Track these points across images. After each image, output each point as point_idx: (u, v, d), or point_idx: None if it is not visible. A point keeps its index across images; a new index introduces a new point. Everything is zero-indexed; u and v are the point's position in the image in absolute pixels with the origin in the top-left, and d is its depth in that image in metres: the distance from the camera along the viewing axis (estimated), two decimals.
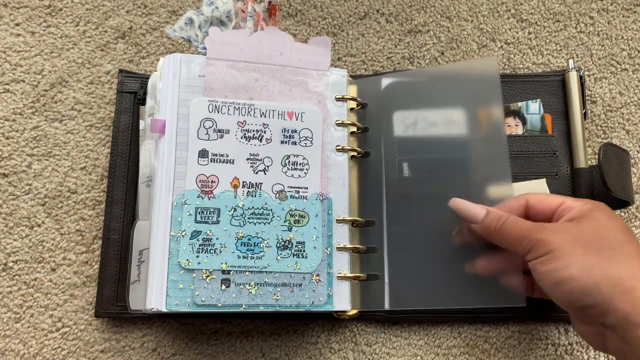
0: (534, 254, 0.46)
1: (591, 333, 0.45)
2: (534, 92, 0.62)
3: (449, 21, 0.68)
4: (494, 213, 0.50)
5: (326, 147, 0.56)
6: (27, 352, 0.58)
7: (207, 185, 0.52)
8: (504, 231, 0.48)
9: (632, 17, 0.67)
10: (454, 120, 0.57)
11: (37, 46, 0.65)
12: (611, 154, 0.56)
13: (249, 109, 0.55)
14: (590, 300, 0.43)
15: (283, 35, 0.57)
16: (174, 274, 0.50)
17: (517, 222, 0.48)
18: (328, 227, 0.55)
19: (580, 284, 0.43)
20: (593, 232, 0.45)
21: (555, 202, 0.50)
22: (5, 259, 0.59)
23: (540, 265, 0.45)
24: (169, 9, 0.67)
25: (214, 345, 0.58)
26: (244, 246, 0.52)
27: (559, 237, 0.45)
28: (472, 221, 0.51)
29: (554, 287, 0.44)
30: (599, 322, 0.43)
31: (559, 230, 0.46)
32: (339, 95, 0.58)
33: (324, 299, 0.53)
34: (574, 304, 0.44)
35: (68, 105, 0.64)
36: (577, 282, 0.43)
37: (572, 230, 0.46)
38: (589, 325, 0.45)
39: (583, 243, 0.44)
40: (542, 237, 0.45)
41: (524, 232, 0.47)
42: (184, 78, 0.54)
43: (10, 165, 0.61)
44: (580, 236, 0.45)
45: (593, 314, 0.43)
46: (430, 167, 0.57)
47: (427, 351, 0.59)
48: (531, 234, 0.46)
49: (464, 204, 0.52)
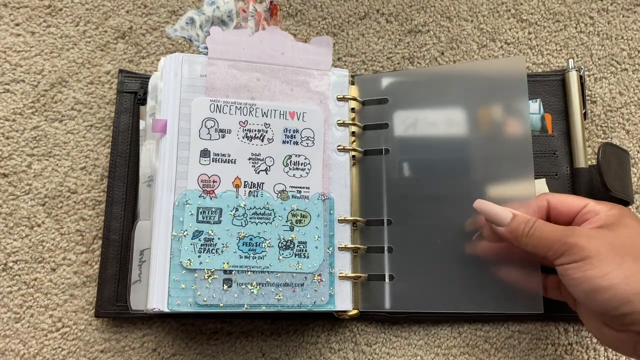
0: (567, 259, 0.45)
1: (621, 339, 0.45)
2: (534, 92, 0.62)
3: (449, 21, 0.68)
4: (521, 216, 0.49)
5: (328, 147, 0.56)
6: (27, 352, 0.58)
7: (209, 185, 0.52)
8: (534, 234, 0.48)
9: (632, 17, 0.67)
10: (457, 120, 0.57)
11: (37, 46, 0.65)
12: (610, 153, 0.56)
13: (251, 109, 0.55)
14: (628, 308, 0.42)
15: (284, 35, 0.57)
16: (176, 274, 0.50)
17: (546, 226, 0.48)
18: (330, 227, 0.55)
19: (619, 292, 0.42)
20: (629, 239, 0.45)
21: (578, 204, 0.50)
22: (5, 259, 0.59)
23: (574, 271, 0.44)
24: (169, 9, 0.67)
25: (214, 345, 0.58)
26: (246, 246, 0.52)
27: (595, 242, 0.44)
28: (497, 223, 0.50)
29: (589, 294, 0.44)
30: (634, 330, 0.43)
31: (594, 235, 0.45)
32: (341, 95, 0.58)
33: (326, 299, 0.53)
34: (610, 312, 0.43)
35: (68, 105, 0.63)
36: (616, 290, 0.43)
37: (609, 237, 0.45)
38: (620, 332, 0.45)
39: (620, 251, 0.44)
40: (576, 242, 0.45)
41: (556, 236, 0.46)
42: (186, 78, 0.54)
43: (10, 165, 0.61)
44: (617, 243, 0.44)
45: (628, 322, 0.43)
46: (431, 167, 0.57)
47: (427, 351, 0.59)
48: (564, 238, 0.45)
49: (488, 205, 0.51)
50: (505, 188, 0.54)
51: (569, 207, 0.50)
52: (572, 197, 0.51)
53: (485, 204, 0.51)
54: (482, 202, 0.52)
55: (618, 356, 0.58)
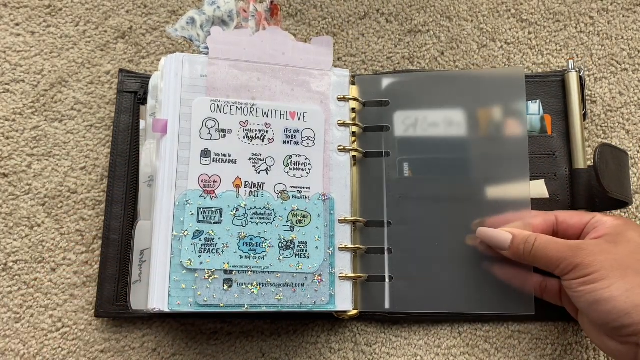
0: (573, 276, 0.47)
1: (622, 351, 0.46)
2: (533, 93, 0.62)
3: (449, 21, 0.68)
4: (520, 236, 0.51)
5: (328, 147, 0.56)
6: (27, 352, 0.57)
7: (210, 185, 0.52)
8: (536, 254, 0.49)
9: (632, 17, 0.67)
10: (457, 121, 0.57)
11: (37, 46, 0.65)
12: (608, 154, 0.56)
13: (251, 109, 0.55)
14: (627, 320, 0.44)
15: (285, 35, 0.57)
16: (176, 274, 0.50)
17: (548, 243, 0.49)
18: (330, 227, 0.55)
19: (619, 304, 0.44)
20: (631, 254, 0.47)
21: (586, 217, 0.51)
22: (5, 259, 0.59)
23: (578, 284, 0.46)
24: (169, 9, 0.67)
25: (214, 345, 0.58)
26: (246, 246, 0.52)
27: (600, 259, 0.46)
28: (500, 248, 0.52)
29: (591, 306, 0.46)
30: (633, 342, 0.44)
31: (598, 252, 0.47)
32: (341, 95, 0.58)
33: (326, 299, 0.53)
34: (610, 323, 0.45)
35: (68, 105, 0.63)
36: (616, 302, 0.44)
37: (611, 252, 0.47)
38: (621, 344, 0.46)
39: (622, 265, 0.46)
40: (582, 261, 0.46)
41: (561, 255, 0.48)
42: (186, 78, 0.54)
43: (10, 165, 0.61)
44: (619, 258, 0.46)
45: (627, 333, 0.44)
46: (431, 167, 0.57)
47: (427, 351, 0.59)
48: (570, 258, 0.47)
49: (488, 232, 0.53)
50: (503, 189, 0.54)
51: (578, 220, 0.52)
52: (580, 212, 0.53)
53: (483, 231, 0.53)
54: (483, 230, 0.53)
55: None
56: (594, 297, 0.45)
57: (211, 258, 0.51)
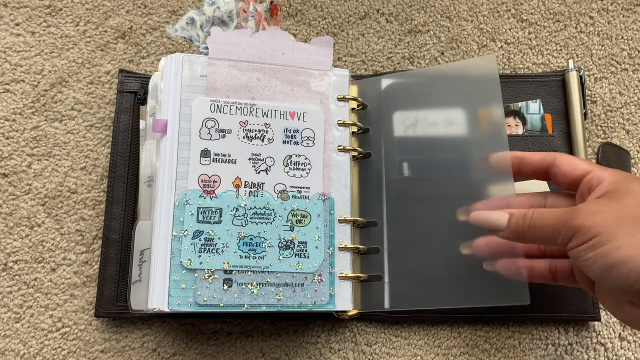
0: (576, 241, 0.42)
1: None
2: (534, 92, 0.62)
3: (449, 21, 0.68)
4: (517, 213, 0.46)
5: (328, 147, 0.56)
6: (27, 352, 0.58)
7: (209, 185, 0.52)
8: (534, 226, 0.44)
9: (632, 17, 0.67)
10: (454, 120, 0.57)
11: (37, 46, 0.65)
12: (610, 153, 0.56)
13: (251, 109, 0.55)
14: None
15: (285, 35, 0.57)
16: (176, 274, 0.50)
17: (545, 214, 0.44)
18: (330, 227, 0.55)
19: (637, 264, 0.39)
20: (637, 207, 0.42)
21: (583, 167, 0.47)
22: (5, 259, 0.59)
23: (585, 251, 0.41)
24: (169, 9, 0.67)
25: (214, 345, 0.58)
26: (246, 246, 0.52)
27: (601, 218, 0.41)
28: (497, 229, 0.47)
29: (606, 272, 0.40)
30: None
31: (597, 211, 0.42)
32: (341, 95, 0.58)
33: (326, 299, 0.53)
34: (631, 287, 0.40)
35: (68, 105, 0.63)
36: (633, 263, 0.39)
37: (614, 209, 0.42)
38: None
39: (630, 221, 0.41)
40: (582, 223, 0.41)
41: (559, 221, 0.43)
42: (186, 78, 0.54)
43: (10, 165, 0.61)
44: (625, 214, 0.41)
45: None
46: (430, 167, 0.57)
47: (427, 351, 0.59)
48: (567, 222, 0.42)
49: (482, 214, 0.48)
50: (491, 188, 0.53)
51: (574, 168, 0.47)
52: (578, 159, 0.48)
53: (479, 214, 0.49)
54: (476, 214, 0.49)
55: (619, 356, 0.58)
56: (606, 262, 0.40)
57: (211, 258, 0.51)
